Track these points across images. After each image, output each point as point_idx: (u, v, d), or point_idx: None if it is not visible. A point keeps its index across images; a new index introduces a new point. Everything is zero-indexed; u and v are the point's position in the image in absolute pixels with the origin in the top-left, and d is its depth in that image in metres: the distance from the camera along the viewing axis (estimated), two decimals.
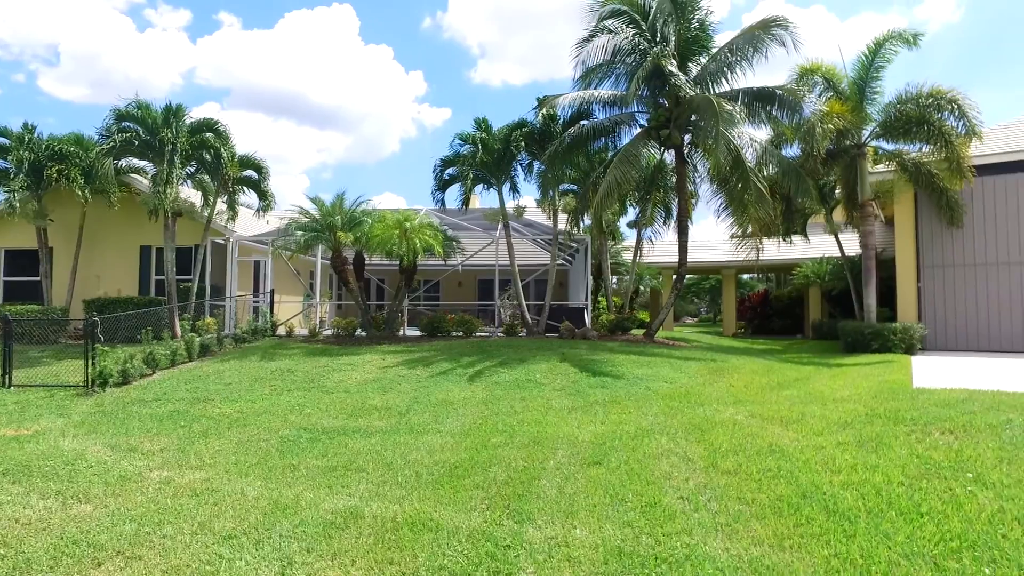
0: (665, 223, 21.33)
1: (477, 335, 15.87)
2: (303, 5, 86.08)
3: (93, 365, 10.02)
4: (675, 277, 16.48)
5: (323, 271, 20.39)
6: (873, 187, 15.08)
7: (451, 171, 16.78)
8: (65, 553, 3.99)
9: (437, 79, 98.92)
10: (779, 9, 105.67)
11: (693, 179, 17.38)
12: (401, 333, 16.59)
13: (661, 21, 14.56)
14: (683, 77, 14.07)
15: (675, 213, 17.76)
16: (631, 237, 23.60)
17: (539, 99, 15.69)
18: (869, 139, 15.06)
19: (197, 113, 15.82)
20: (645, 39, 14.55)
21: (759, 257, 18.18)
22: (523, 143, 15.88)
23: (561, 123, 15.97)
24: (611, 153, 15.89)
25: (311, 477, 5.47)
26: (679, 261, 15.71)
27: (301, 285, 20.74)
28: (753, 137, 15.40)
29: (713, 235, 52.09)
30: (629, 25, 14.65)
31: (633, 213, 21.46)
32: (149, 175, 15.73)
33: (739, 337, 22.99)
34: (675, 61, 14.19)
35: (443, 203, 17.19)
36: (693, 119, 14.82)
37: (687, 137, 15.57)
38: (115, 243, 17.68)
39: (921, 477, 4.71)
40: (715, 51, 14.89)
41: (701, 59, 15.20)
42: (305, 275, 21.14)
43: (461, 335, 15.65)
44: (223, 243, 17.30)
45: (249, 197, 17.75)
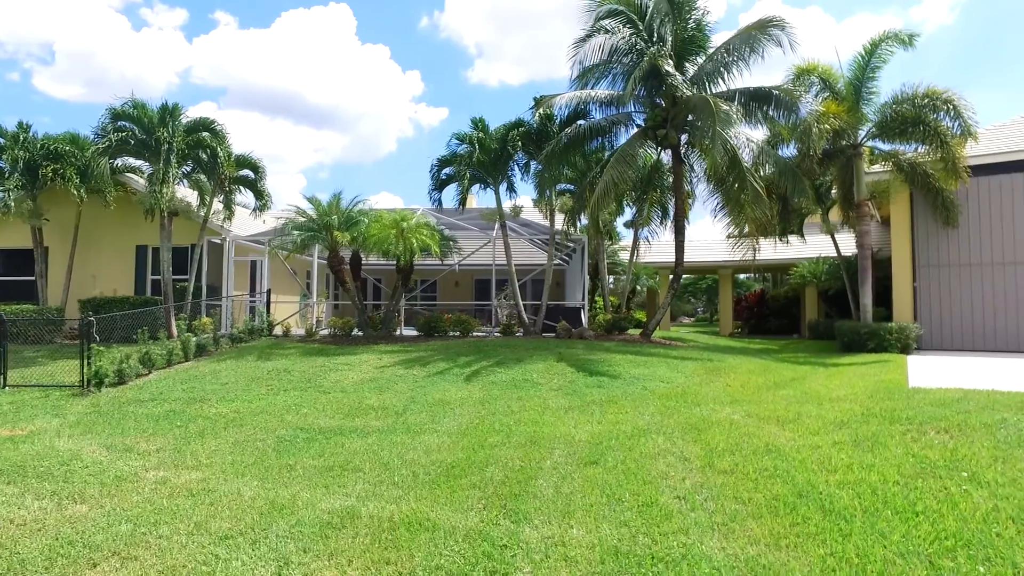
0: (662, 223, 21.35)
1: (474, 335, 15.87)
2: (300, 4, 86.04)
3: (89, 365, 9.98)
4: (672, 277, 16.50)
5: (320, 271, 20.38)
6: (869, 187, 15.11)
7: (448, 171, 16.77)
8: (60, 554, 3.98)
9: (434, 79, 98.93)
10: (775, 9, 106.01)
11: (690, 179, 17.41)
12: (398, 333, 16.58)
13: (658, 21, 14.57)
14: (680, 77, 14.08)
15: (672, 213, 17.77)
16: (628, 237, 23.64)
17: (536, 99, 15.70)
18: (865, 139, 15.10)
19: (193, 112, 15.74)
20: (642, 39, 14.56)
21: (756, 257, 18.20)
22: (520, 143, 15.88)
23: (558, 123, 15.98)
24: (608, 153, 15.90)
25: (308, 477, 5.46)
26: (676, 261, 15.73)
27: (298, 285, 20.71)
28: (750, 137, 15.44)
29: (710, 235, 52.13)
30: (626, 25, 14.66)
31: (630, 213, 21.48)
32: (145, 174, 15.68)
33: (736, 337, 23.03)
34: (672, 61, 14.21)
35: (440, 203, 17.18)
36: (690, 119, 14.84)
37: (684, 137, 15.58)
38: (111, 243, 17.62)
39: (917, 476, 4.73)
40: (712, 51, 14.90)
41: (698, 59, 15.22)
42: (302, 275, 21.11)
43: (458, 335, 15.65)
44: (219, 243, 17.26)
45: (246, 197, 17.72)
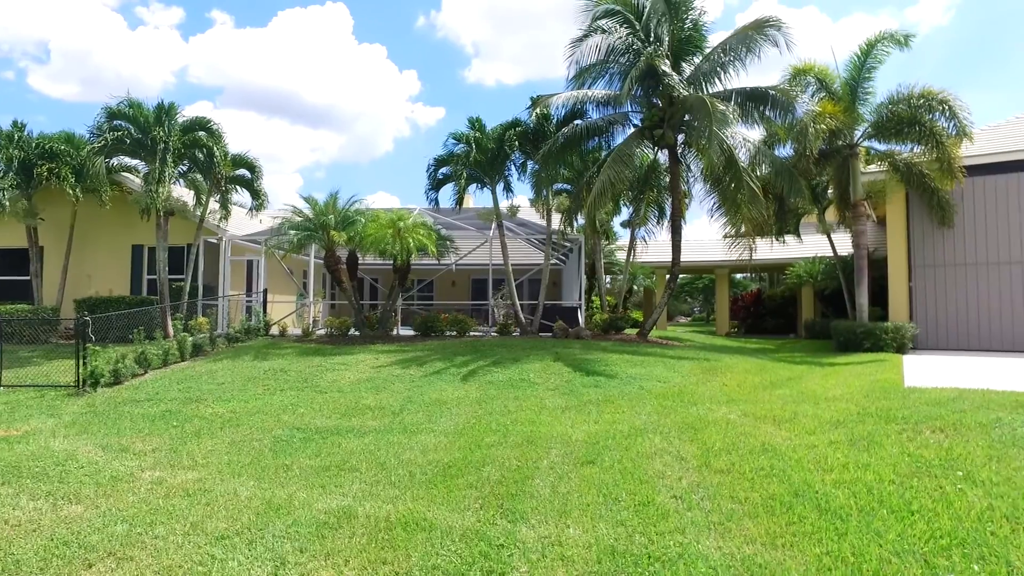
0: (659, 223, 21.37)
1: (471, 334, 15.86)
2: (296, 3, 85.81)
3: (84, 365, 9.96)
4: (668, 276, 16.52)
5: (316, 270, 20.34)
6: (865, 187, 15.15)
7: (445, 170, 16.77)
8: (55, 554, 3.97)
9: (431, 78, 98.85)
10: (772, 9, 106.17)
11: (687, 179, 17.42)
12: (395, 333, 16.57)
13: (655, 21, 14.59)
14: (676, 77, 14.10)
15: (668, 213, 17.79)
16: (625, 236, 23.66)
17: (533, 99, 15.71)
18: (861, 139, 15.14)
19: (190, 112, 15.69)
20: (639, 39, 14.57)
21: (752, 257, 18.24)
22: (517, 142, 15.89)
23: (555, 123, 15.99)
24: (605, 153, 15.90)
25: (304, 477, 5.45)
26: (672, 260, 15.75)
27: (294, 284, 20.67)
28: (746, 137, 15.46)
29: (706, 235, 52.26)
30: (623, 25, 14.66)
31: (627, 212, 21.50)
32: (141, 174, 15.65)
33: (732, 336, 23.08)
34: (668, 61, 14.22)
35: (437, 202, 17.17)
36: (687, 119, 14.86)
37: (681, 137, 15.60)
38: (107, 242, 17.57)
39: (912, 475, 4.74)
40: (708, 51, 14.91)
41: (695, 59, 15.23)
42: (298, 274, 21.08)
43: (455, 334, 15.64)
44: (216, 242, 17.22)
45: (242, 196, 17.69)
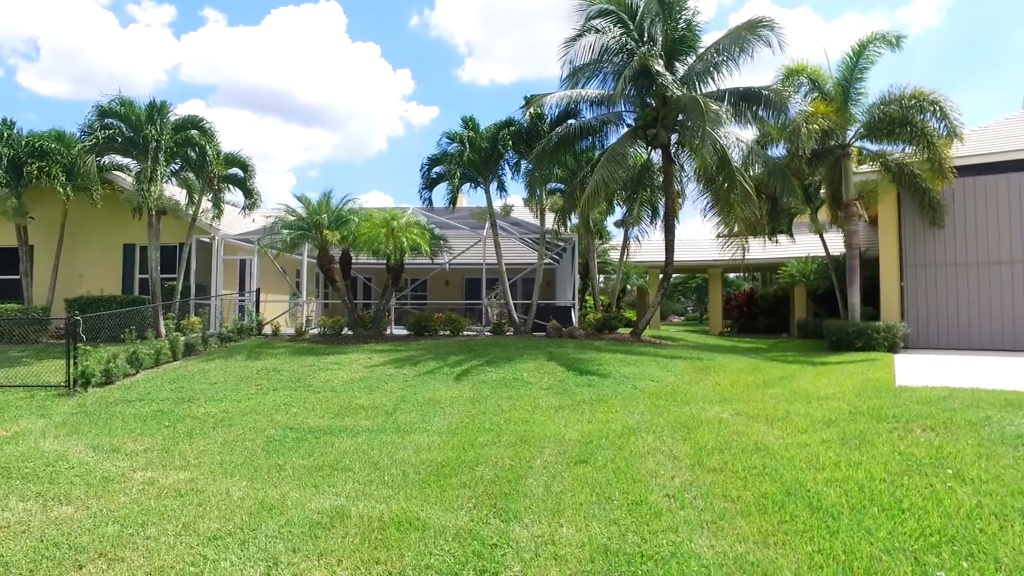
0: (652, 222, 21.43)
1: (464, 334, 15.85)
2: (289, 2, 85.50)
3: (75, 365, 9.89)
4: (662, 276, 16.56)
5: (310, 270, 20.28)
6: (857, 187, 15.23)
7: (438, 170, 16.75)
8: (45, 556, 3.94)
9: (424, 77, 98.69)
10: (765, 10, 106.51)
11: (680, 178, 17.47)
12: (388, 332, 16.54)
13: (648, 21, 14.62)
14: (670, 77, 14.13)
15: (662, 212, 17.84)
16: (618, 236, 23.68)
17: (527, 98, 15.70)
18: (853, 140, 15.22)
19: (182, 110, 15.62)
20: (632, 39, 14.60)
21: (745, 256, 18.31)
22: (511, 142, 15.88)
23: (549, 122, 15.99)
24: (598, 152, 15.92)
25: (297, 477, 5.44)
26: (666, 260, 15.79)
27: (287, 284, 20.61)
28: (739, 137, 15.53)
29: (700, 234, 52.45)
30: (616, 25, 14.69)
31: (620, 212, 21.54)
32: (133, 172, 15.54)
33: (725, 336, 23.15)
34: (662, 61, 14.25)
35: (430, 202, 17.16)
36: (680, 119, 14.89)
37: (674, 137, 15.64)
38: (98, 241, 17.45)
39: (903, 474, 4.77)
40: (702, 51, 14.96)
41: (688, 59, 15.27)
42: (291, 274, 21.01)
43: (448, 334, 15.63)
44: (208, 241, 17.14)
45: (235, 195, 17.61)
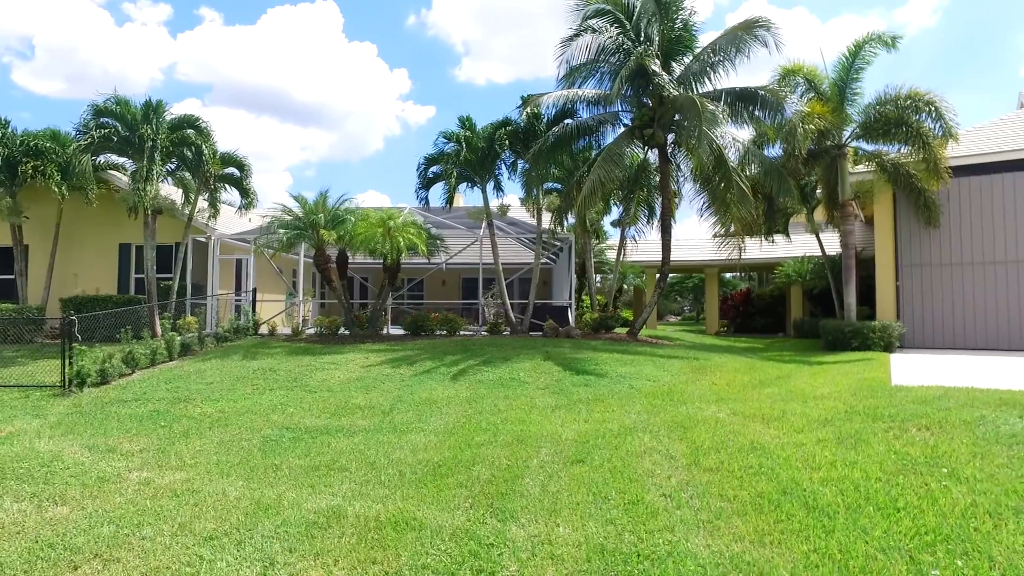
0: (648, 222, 21.45)
1: (461, 334, 15.85)
2: (286, 1, 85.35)
3: (70, 365, 9.85)
4: (658, 276, 16.58)
5: (306, 269, 20.26)
6: (853, 187, 15.27)
7: (435, 169, 16.74)
8: (40, 556, 3.93)
9: (421, 77, 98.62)
10: (762, 10, 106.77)
11: (676, 178, 17.49)
12: (385, 332, 16.53)
13: (645, 21, 14.62)
14: (666, 77, 14.14)
15: (658, 212, 17.86)
16: (615, 236, 23.71)
17: (523, 98, 15.70)
18: (849, 140, 15.26)
19: (178, 109, 15.57)
20: (629, 39, 14.60)
21: (741, 256, 18.35)
22: (507, 142, 15.88)
23: (545, 122, 15.99)
24: (595, 152, 15.94)
25: (293, 477, 5.43)
26: (662, 260, 15.81)
27: (284, 283, 20.57)
28: (736, 137, 15.55)
29: (696, 234, 52.50)
30: (613, 24, 14.69)
31: (617, 212, 21.56)
32: (128, 172, 15.49)
33: (722, 335, 23.19)
34: (659, 61, 14.26)
35: (427, 201, 17.14)
36: (676, 119, 14.91)
37: (670, 136, 15.65)
38: (93, 241, 17.39)
39: (898, 473, 4.79)
40: (699, 51, 14.97)
41: (685, 59, 15.29)
42: (288, 273, 20.97)
43: (445, 334, 15.62)
44: (204, 241, 17.10)
45: (231, 195, 17.56)
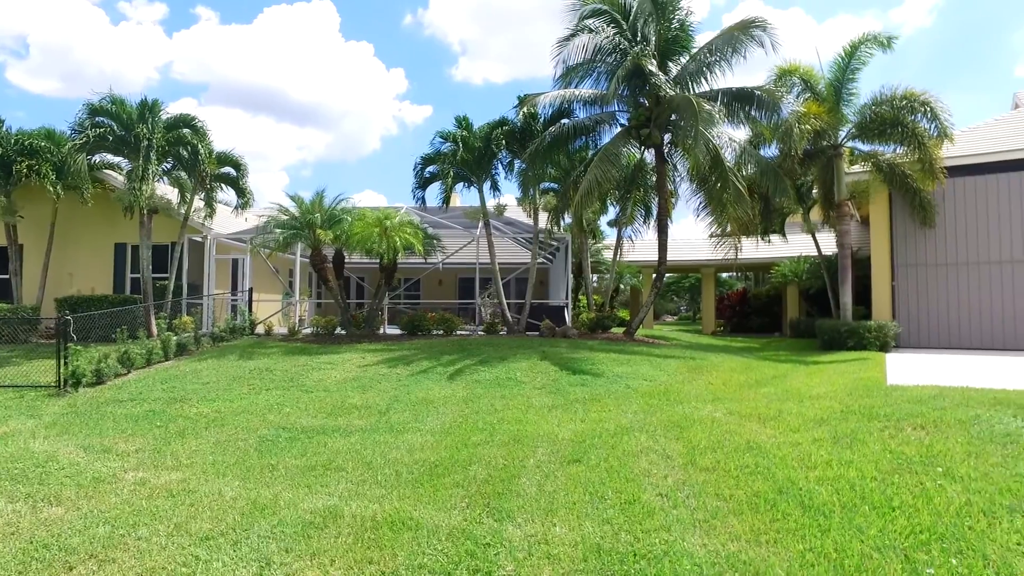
0: (645, 222, 21.44)
1: (457, 333, 15.84)
2: (282, 0, 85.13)
3: (65, 365, 9.82)
4: (655, 275, 16.60)
5: (302, 269, 20.23)
6: (849, 187, 15.31)
7: (432, 169, 16.73)
8: (34, 557, 3.92)
9: (418, 76, 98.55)
10: (758, 10, 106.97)
11: (673, 178, 17.50)
12: (381, 332, 16.51)
13: (642, 21, 14.64)
14: (663, 77, 14.16)
15: (655, 212, 17.87)
16: (611, 236, 23.73)
17: (520, 98, 15.71)
18: (845, 140, 15.30)
19: (174, 109, 15.54)
20: (626, 39, 14.61)
21: (738, 256, 18.40)
22: (504, 141, 15.88)
23: (542, 122, 16.00)
24: (592, 152, 15.94)
25: (290, 477, 5.42)
26: (659, 259, 15.83)
27: (280, 283, 20.53)
28: (732, 137, 15.56)
29: (693, 234, 52.61)
30: (610, 24, 14.70)
31: (613, 212, 21.55)
32: (124, 171, 15.47)
33: (718, 335, 23.23)
34: (655, 61, 14.28)
35: (424, 201, 17.13)
36: (673, 118, 14.93)
37: (667, 136, 15.67)
38: (89, 240, 17.34)
39: (893, 472, 4.80)
40: (695, 51, 14.99)
41: (681, 59, 15.30)
42: (284, 273, 20.93)
43: (441, 333, 15.62)
44: (201, 241, 17.06)
45: (227, 194, 17.55)
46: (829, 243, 18.93)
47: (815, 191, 17.58)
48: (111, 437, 7.00)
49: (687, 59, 15.13)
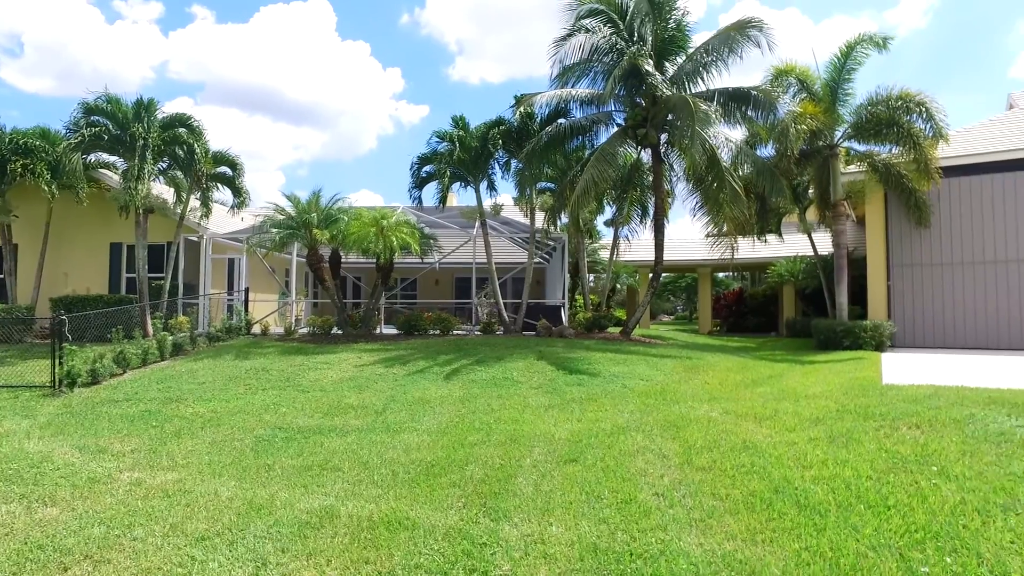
0: (642, 222, 21.46)
1: (454, 333, 15.84)
2: None
3: (60, 365, 9.78)
4: (651, 275, 16.62)
5: (299, 269, 20.18)
6: (845, 187, 15.35)
7: (428, 169, 16.71)
8: (29, 558, 3.90)
9: (415, 76, 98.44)
10: (754, 10, 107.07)
11: (669, 178, 17.53)
12: (378, 331, 16.49)
13: (638, 21, 14.66)
14: (659, 77, 14.18)
15: (651, 212, 17.90)
16: (608, 235, 23.73)
17: (517, 97, 15.71)
18: (841, 140, 15.34)
19: (169, 108, 15.53)
20: (622, 38, 14.63)
21: (734, 256, 18.41)
22: (501, 141, 15.88)
23: (539, 121, 16.00)
24: (588, 152, 15.96)
25: (286, 477, 5.41)
26: (655, 259, 15.85)
27: (276, 283, 20.49)
28: (728, 137, 15.60)
29: (689, 234, 52.65)
30: (606, 24, 14.72)
31: (610, 211, 21.58)
32: (119, 171, 15.41)
33: (714, 335, 23.27)
34: (652, 60, 14.30)
35: (420, 201, 17.12)
36: (669, 118, 14.94)
37: (663, 136, 15.69)
38: (84, 240, 17.28)
39: (889, 471, 4.82)
40: (691, 51, 15.02)
41: (678, 59, 15.33)
42: (280, 273, 20.89)
43: (438, 333, 15.61)
44: (196, 240, 17.02)
45: (223, 194, 17.50)
46: (825, 243, 18.98)
47: (811, 191, 17.62)
48: (106, 437, 6.98)
49: (684, 59, 15.15)
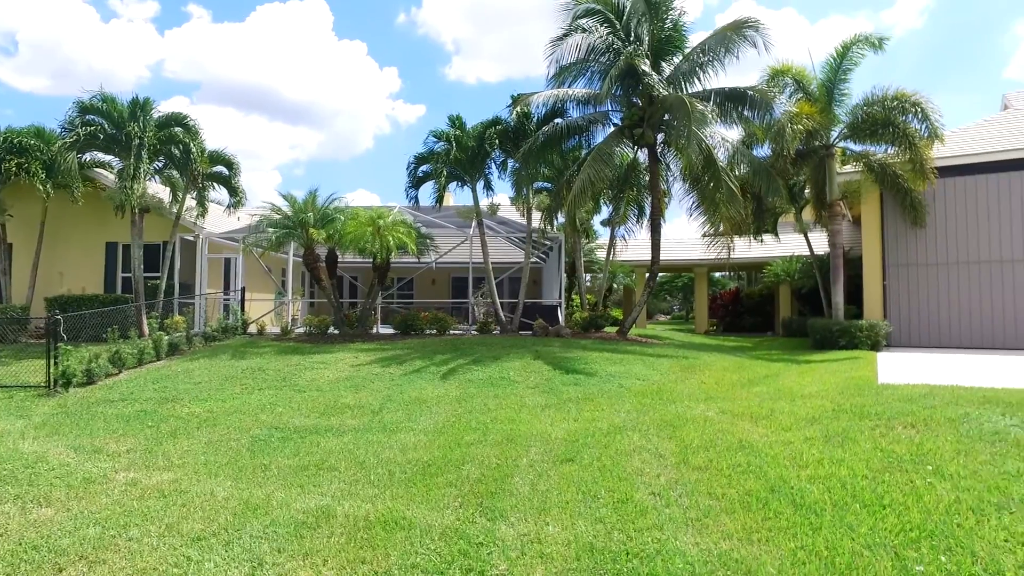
0: (638, 221, 21.49)
1: (451, 333, 15.83)
2: None
3: (55, 364, 9.75)
4: (648, 275, 16.63)
5: (295, 268, 20.15)
6: (841, 187, 15.38)
7: (425, 168, 16.70)
8: (24, 559, 3.89)
9: (411, 75, 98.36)
10: (750, 10, 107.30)
11: (666, 178, 17.55)
12: (374, 331, 16.48)
13: (635, 21, 14.67)
14: (656, 76, 14.19)
15: (648, 211, 17.91)
16: (605, 235, 23.74)
17: (513, 97, 15.69)
18: (837, 140, 15.37)
19: (165, 107, 15.57)
20: (619, 38, 14.64)
21: (730, 255, 18.43)
22: (497, 141, 15.87)
23: (535, 121, 15.99)
24: (585, 151, 15.96)
25: (282, 477, 5.41)
26: (652, 259, 15.86)
27: (273, 282, 20.45)
28: (725, 137, 15.61)
29: (686, 233, 52.72)
30: (603, 24, 14.73)
31: (607, 211, 21.57)
32: (115, 170, 15.35)
33: (711, 334, 23.31)
34: (648, 60, 14.31)
35: (417, 200, 17.11)
36: (666, 118, 14.96)
37: (660, 136, 15.70)
38: (79, 239, 17.21)
39: (884, 470, 4.84)
40: (688, 51, 15.04)
41: (674, 59, 15.34)
42: (277, 272, 20.86)
43: (435, 333, 15.60)
44: (192, 240, 16.97)
45: (219, 193, 17.43)
46: (821, 243, 19.02)
47: (807, 191, 17.65)
48: (102, 437, 6.96)
49: (680, 59, 15.17)
